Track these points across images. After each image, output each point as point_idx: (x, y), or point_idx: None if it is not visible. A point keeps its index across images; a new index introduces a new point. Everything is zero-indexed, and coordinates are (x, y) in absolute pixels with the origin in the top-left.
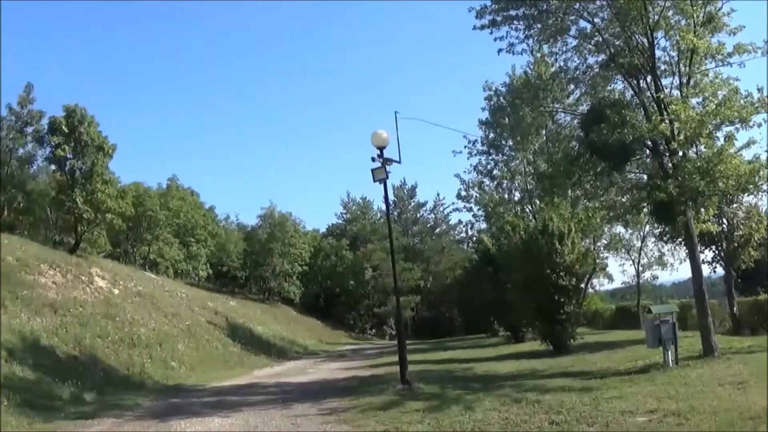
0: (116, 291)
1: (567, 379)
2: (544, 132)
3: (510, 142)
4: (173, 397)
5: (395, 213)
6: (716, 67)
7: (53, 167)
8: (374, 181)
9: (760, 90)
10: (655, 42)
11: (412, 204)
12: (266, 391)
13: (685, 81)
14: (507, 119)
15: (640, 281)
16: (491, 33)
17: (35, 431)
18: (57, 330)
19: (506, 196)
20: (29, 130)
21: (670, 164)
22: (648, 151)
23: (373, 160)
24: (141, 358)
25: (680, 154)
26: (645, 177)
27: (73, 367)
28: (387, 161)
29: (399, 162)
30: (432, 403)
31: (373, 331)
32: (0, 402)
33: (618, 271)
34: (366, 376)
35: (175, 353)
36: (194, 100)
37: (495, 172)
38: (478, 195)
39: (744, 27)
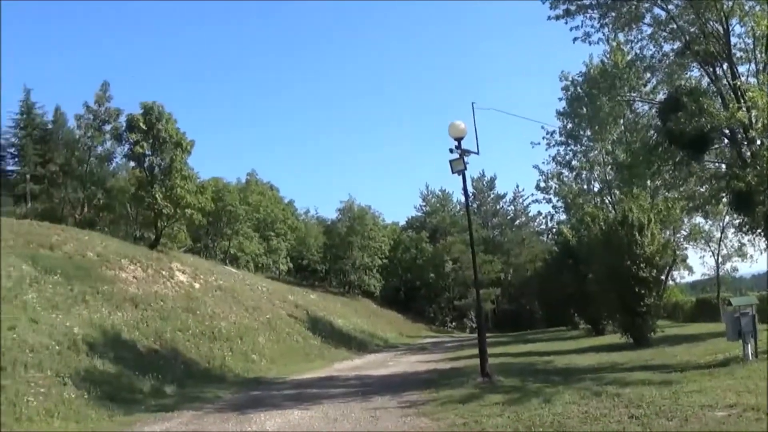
0: (197, 285)
1: (647, 372)
2: (621, 121)
3: (588, 133)
4: (253, 389)
5: (475, 205)
6: None
7: (132, 164)
8: (452, 172)
9: None
10: (730, 29)
11: (492, 196)
12: (346, 383)
13: (761, 68)
14: (584, 109)
15: (720, 273)
16: (566, 23)
17: (115, 424)
18: (138, 324)
19: (585, 187)
20: (107, 127)
21: (748, 153)
22: (726, 140)
23: (451, 151)
24: (222, 352)
25: (758, 142)
26: (723, 166)
27: (153, 361)
28: (465, 152)
29: (477, 153)
30: (512, 396)
31: (454, 323)
32: None
33: (698, 263)
34: (446, 368)
35: (256, 346)
36: (273, 95)
37: (574, 162)
38: (557, 186)
39: None
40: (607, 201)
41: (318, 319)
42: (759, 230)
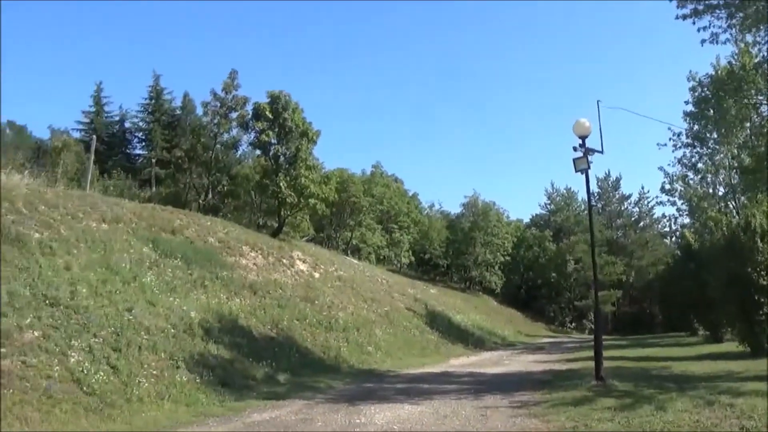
0: (317, 275)
1: (762, 383)
2: (748, 125)
3: (714, 135)
4: (366, 381)
5: (599, 205)
6: None
7: (258, 152)
8: (576, 171)
9: None
10: None
11: (617, 196)
12: (459, 380)
13: None
14: (711, 111)
15: None
16: (694, 23)
17: (225, 409)
18: (255, 311)
19: (710, 190)
20: (234, 115)
21: None
22: None
23: (575, 149)
24: (337, 342)
25: None
26: None
27: (268, 348)
28: (589, 151)
29: (601, 152)
30: (624, 401)
31: (573, 324)
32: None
33: None
34: (561, 370)
35: (372, 338)
36: (401, 88)
37: (699, 165)
38: (682, 189)
39: None
40: (731, 206)
41: (436, 313)
42: None
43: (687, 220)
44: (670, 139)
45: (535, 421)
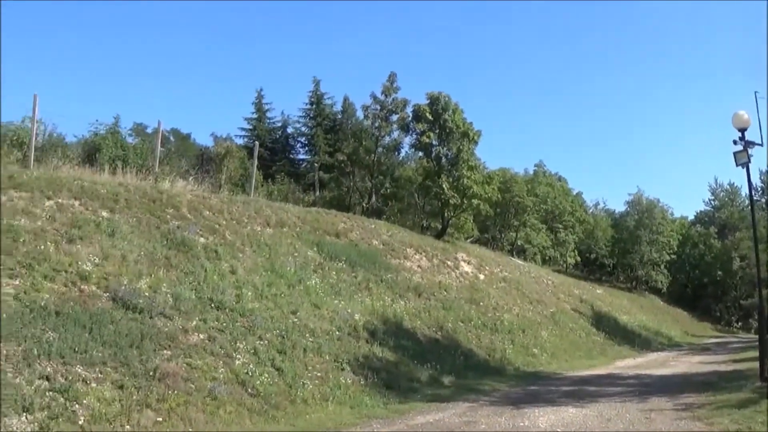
0: (481, 276)
1: None
2: None
3: None
4: (531, 384)
5: (762, 200)
6: None
7: (419, 154)
8: (736, 165)
9: None
10: None
11: None
12: (624, 382)
13: None
14: None
15: None
16: None
17: (389, 411)
18: (420, 313)
19: None
20: (394, 118)
21: None
22: None
23: (735, 143)
24: (503, 344)
25: None
26: None
27: (433, 350)
28: (749, 144)
29: (761, 145)
30: None
31: (739, 323)
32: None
33: None
34: (726, 371)
35: (538, 340)
36: (559, 88)
37: None
38: None
39: None
40: None
41: (602, 314)
42: None
43: None
44: None
45: (699, 424)
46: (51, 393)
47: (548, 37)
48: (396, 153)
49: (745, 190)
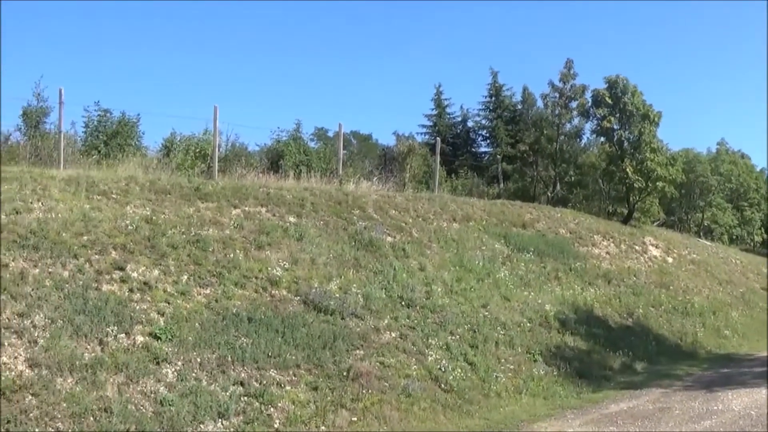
0: (670, 259)
1: None
2: None
3: None
4: (723, 366)
5: None
6: None
7: (601, 139)
8: None
9: None
10: None
11: None
12: None
13: None
14: None
15: None
16: None
17: (582, 401)
18: (610, 300)
19: None
20: (573, 104)
21: None
22: None
23: None
24: (693, 327)
25: None
26: None
27: (624, 337)
28: None
29: None
30: None
31: None
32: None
33: None
34: None
35: (729, 321)
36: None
37: None
38: None
39: None
40: None
41: None
42: None
43: None
44: None
45: None
46: (246, 398)
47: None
48: (578, 140)
49: None
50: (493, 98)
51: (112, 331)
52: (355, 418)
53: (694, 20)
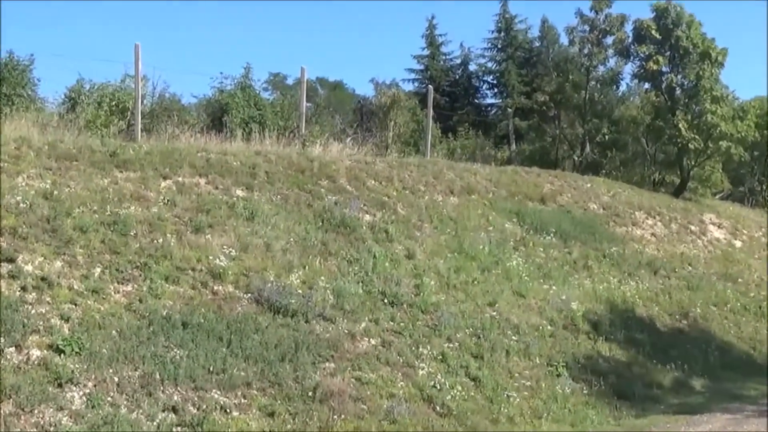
0: (738, 243)
1: None
2: None
3: None
4: None
5: None
6: None
7: (646, 85)
8: None
9: None
10: None
11: None
12: None
13: None
14: None
15: None
16: None
17: (623, 427)
18: (657, 296)
19: None
20: (609, 41)
21: None
22: None
23: None
24: None
25: None
26: None
27: (677, 344)
28: None
29: None
30: None
31: None
32: None
33: None
34: None
35: None
36: None
37: None
38: None
39: None
40: None
41: None
42: None
43: None
44: None
45: None
46: (179, 428)
47: None
48: (614, 87)
49: None
50: (503, 34)
51: None
52: None
53: None
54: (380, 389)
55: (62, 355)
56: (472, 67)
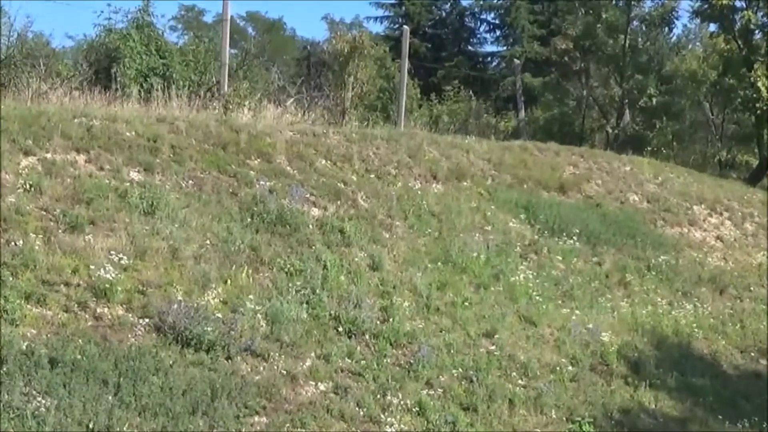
0: None
1: None
2: None
3: None
4: None
5: None
6: None
7: (711, 28)
8: None
9: None
10: None
11: None
12: None
13: None
14: None
15: None
16: None
17: None
18: (724, 324)
19: None
20: None
21: None
22: None
23: None
24: None
25: None
26: None
27: (753, 392)
28: None
29: None
30: None
31: None
32: None
33: None
34: None
35: None
36: None
37: None
38: None
39: None
40: None
41: None
42: None
43: None
44: None
45: None
46: None
47: None
48: (666, 30)
49: None
50: None
51: None
52: None
53: None
54: None
55: None
56: (465, 1)
